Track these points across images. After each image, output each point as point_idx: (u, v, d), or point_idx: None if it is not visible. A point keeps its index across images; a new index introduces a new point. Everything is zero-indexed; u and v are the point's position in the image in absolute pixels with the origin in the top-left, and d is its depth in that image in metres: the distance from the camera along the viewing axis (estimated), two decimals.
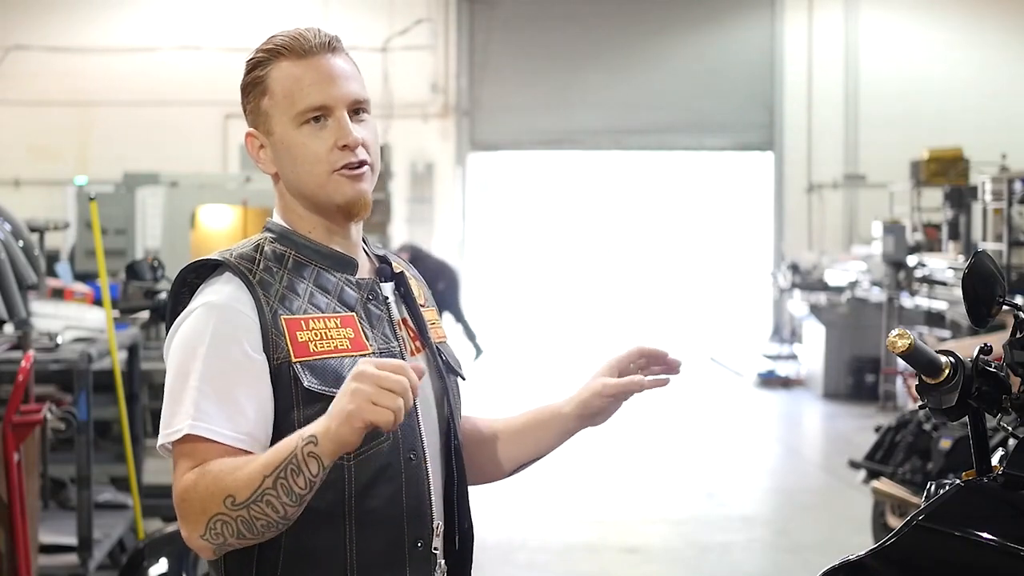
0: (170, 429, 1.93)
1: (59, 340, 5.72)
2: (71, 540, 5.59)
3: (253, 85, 2.09)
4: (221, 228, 10.12)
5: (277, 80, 2.06)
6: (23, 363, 4.76)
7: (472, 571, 2.20)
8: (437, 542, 2.07)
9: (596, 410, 2.31)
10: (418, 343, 2.16)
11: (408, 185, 16.07)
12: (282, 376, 1.97)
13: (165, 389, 1.97)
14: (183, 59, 15.73)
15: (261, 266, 2.03)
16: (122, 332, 6.23)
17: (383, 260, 2.19)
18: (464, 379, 2.26)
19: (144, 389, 7.24)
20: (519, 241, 18.38)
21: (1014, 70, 16.16)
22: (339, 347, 2.00)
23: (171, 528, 4.64)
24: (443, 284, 14.49)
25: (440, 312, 2.32)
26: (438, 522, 2.08)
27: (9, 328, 5.49)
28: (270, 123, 2.07)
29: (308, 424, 1.87)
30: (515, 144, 16.90)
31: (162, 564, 4.52)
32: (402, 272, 2.20)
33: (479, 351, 14.97)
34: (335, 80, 2.05)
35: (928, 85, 16.07)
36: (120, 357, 5.98)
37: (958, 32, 16.23)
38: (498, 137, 16.70)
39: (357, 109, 2.08)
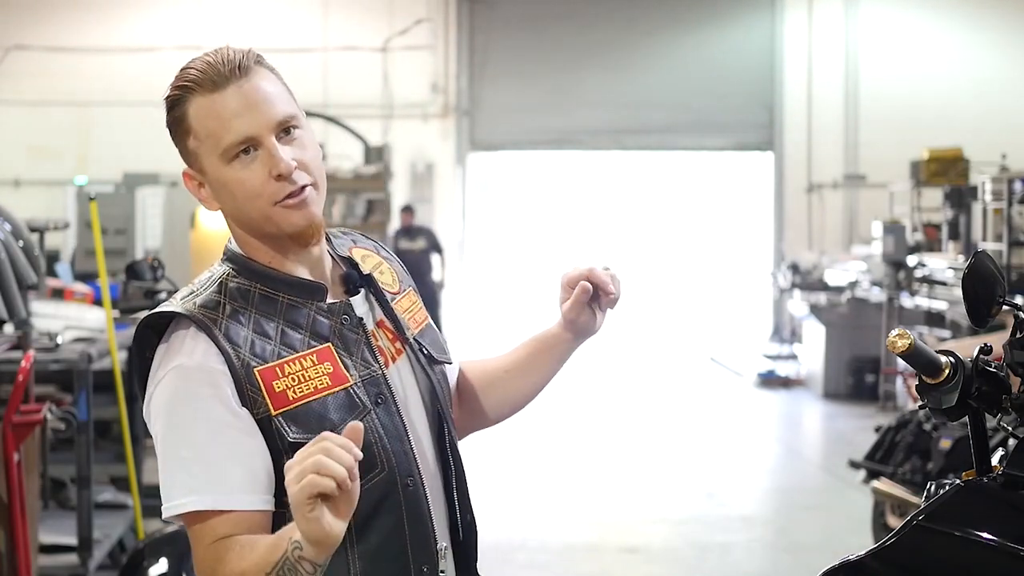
0: (171, 503, 1.91)
1: (59, 340, 5.73)
2: (71, 540, 5.60)
3: (176, 125, 2.01)
4: (221, 228, 10.12)
5: (196, 119, 1.97)
6: (23, 363, 4.77)
7: (478, 564, 2.19)
8: (443, 564, 2.05)
9: (577, 328, 2.29)
10: (397, 344, 2.12)
11: (408, 185, 16.07)
12: (265, 430, 1.93)
13: (157, 455, 1.94)
14: (183, 59, 15.63)
15: (227, 311, 1.97)
16: (122, 332, 6.23)
17: (348, 262, 2.12)
18: (451, 363, 2.23)
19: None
20: (519, 241, 18.37)
21: (1014, 70, 16.16)
22: (319, 387, 1.96)
23: (171, 528, 4.64)
24: (438, 276, 14.55)
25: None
26: (443, 544, 2.06)
27: (9, 328, 5.49)
28: (201, 163, 2.00)
29: None
30: (515, 144, 16.90)
31: (162, 564, 4.52)
32: (370, 274, 2.13)
33: None
34: (255, 107, 1.95)
35: (928, 85, 16.07)
36: (120, 357, 5.98)
37: (958, 32, 16.23)
38: (498, 137, 16.70)
39: (287, 128, 1.98)
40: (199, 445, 1.89)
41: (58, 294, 7.08)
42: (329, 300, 2.04)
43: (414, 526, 2.01)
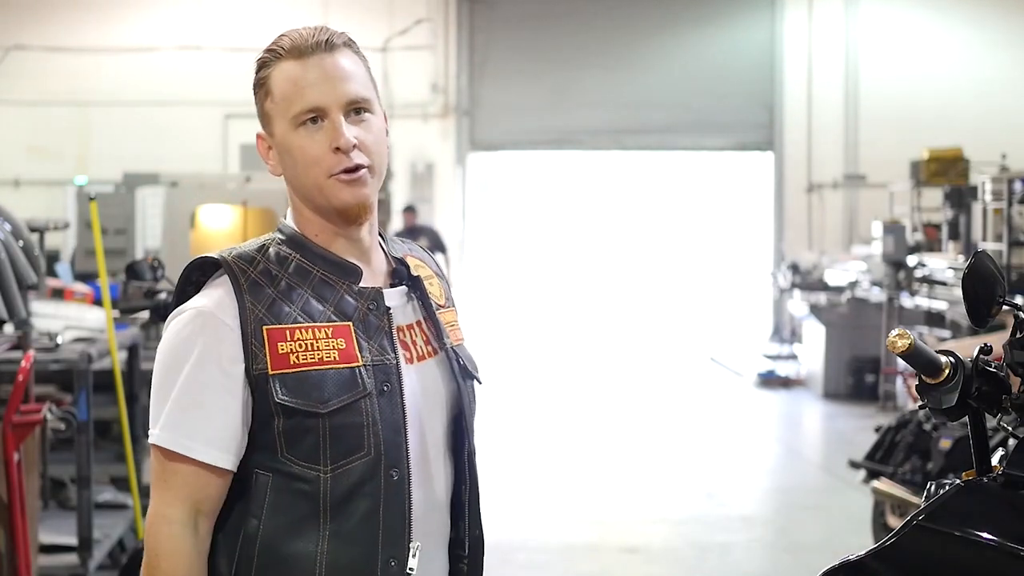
0: (153, 429, 2.03)
1: (59, 340, 5.73)
2: (71, 540, 5.60)
3: (259, 86, 2.10)
4: (221, 228, 10.11)
5: (277, 82, 2.06)
6: (23, 363, 4.77)
7: None
8: (413, 562, 2.05)
9: None
10: (431, 347, 2.14)
11: (408, 185, 16.07)
12: (260, 387, 1.99)
13: (152, 382, 2.06)
14: (183, 59, 15.72)
15: (259, 268, 2.04)
16: (122, 332, 6.23)
17: (401, 262, 2.17)
18: (480, 383, 2.24)
19: (144, 389, 7.24)
20: (519, 241, 18.38)
21: (1014, 70, 16.16)
22: (324, 359, 2.00)
23: None
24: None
25: None
26: (417, 543, 2.05)
27: (9, 328, 5.49)
28: (272, 125, 2.08)
29: (287, 434, 1.97)
30: (515, 144, 16.89)
31: None
32: (418, 276, 2.17)
33: None
34: (331, 81, 2.04)
35: (928, 85, 16.07)
36: (120, 357, 5.99)
37: (959, 32, 16.22)
38: (498, 137, 16.69)
39: (358, 109, 2.06)
40: (184, 389, 1.99)
41: (58, 294, 7.09)
42: (362, 284, 2.09)
43: (390, 517, 2.02)
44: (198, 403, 1.99)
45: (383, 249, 2.17)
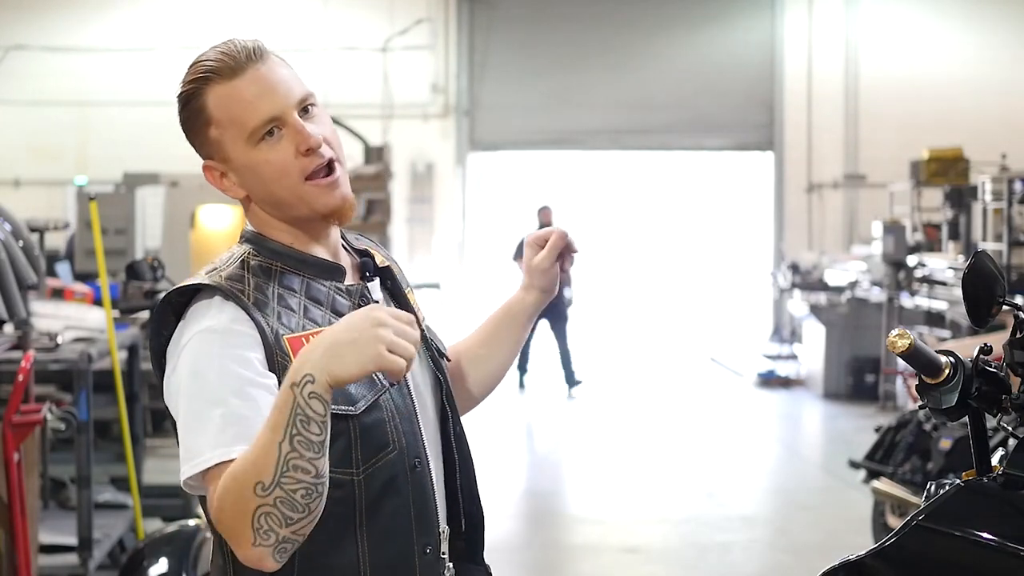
0: (196, 460, 1.85)
1: (59, 340, 5.72)
2: (71, 540, 5.60)
3: (194, 118, 2.05)
4: (221, 228, 10.12)
5: (217, 107, 2.01)
6: (23, 363, 4.76)
7: (484, 554, 2.20)
8: (444, 546, 2.08)
9: (545, 283, 2.37)
10: None
11: (408, 185, 16.07)
12: None
13: (180, 420, 1.90)
14: (183, 59, 15.68)
15: (252, 284, 1.98)
16: (122, 332, 6.24)
17: (364, 254, 2.17)
18: (450, 360, 2.25)
19: (144, 389, 7.25)
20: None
21: (1015, 69, 16.16)
22: None
23: (171, 528, 4.65)
24: (569, 293, 13.58)
25: (556, 328, 2.32)
26: (444, 527, 2.09)
27: (9, 328, 5.49)
28: (225, 150, 2.02)
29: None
30: (515, 144, 16.89)
31: (162, 564, 4.52)
32: (388, 266, 2.18)
33: (573, 382, 13.11)
34: (275, 88, 1.99)
35: (928, 84, 16.07)
36: (120, 357, 5.99)
37: (959, 32, 16.23)
38: (498, 137, 16.69)
39: (305, 107, 2.02)
40: (227, 403, 1.85)
41: (58, 294, 7.09)
42: (347, 282, 2.08)
43: (420, 507, 2.03)
44: (249, 410, 1.84)
45: (344, 246, 2.15)
